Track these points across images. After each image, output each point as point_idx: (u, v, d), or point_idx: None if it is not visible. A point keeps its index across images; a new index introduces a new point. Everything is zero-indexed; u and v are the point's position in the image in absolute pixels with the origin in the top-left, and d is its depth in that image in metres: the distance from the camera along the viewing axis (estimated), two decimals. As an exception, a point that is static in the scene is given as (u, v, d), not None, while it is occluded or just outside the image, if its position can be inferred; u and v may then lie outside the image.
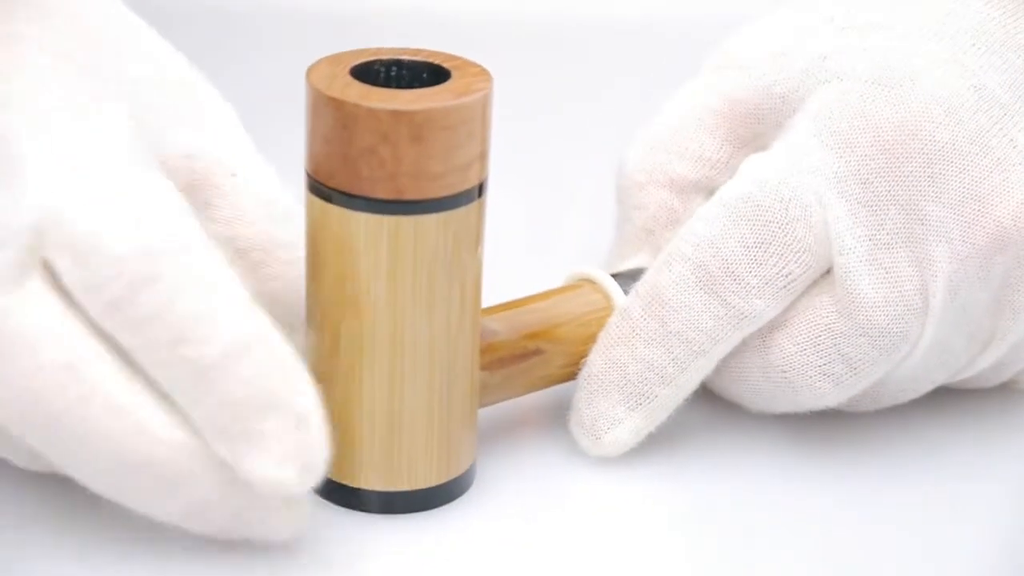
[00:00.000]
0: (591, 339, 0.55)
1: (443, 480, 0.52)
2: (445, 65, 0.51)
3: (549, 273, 0.58)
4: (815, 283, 0.54)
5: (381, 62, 0.51)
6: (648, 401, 0.54)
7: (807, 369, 0.54)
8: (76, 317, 0.48)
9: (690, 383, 0.55)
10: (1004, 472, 0.57)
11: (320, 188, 0.50)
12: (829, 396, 0.54)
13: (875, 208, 0.53)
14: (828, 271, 0.54)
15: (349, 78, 0.49)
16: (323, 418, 0.48)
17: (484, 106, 0.49)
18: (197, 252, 0.48)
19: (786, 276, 0.54)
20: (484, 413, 0.55)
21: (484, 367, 0.53)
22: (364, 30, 0.53)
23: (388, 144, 0.48)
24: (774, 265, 0.54)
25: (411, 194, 0.49)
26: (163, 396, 0.48)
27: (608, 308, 0.56)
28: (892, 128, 0.54)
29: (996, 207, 0.53)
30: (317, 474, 0.48)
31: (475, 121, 0.49)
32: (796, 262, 0.54)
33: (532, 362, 0.54)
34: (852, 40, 0.57)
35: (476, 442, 0.54)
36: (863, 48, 0.57)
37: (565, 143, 0.81)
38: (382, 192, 0.49)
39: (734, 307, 0.53)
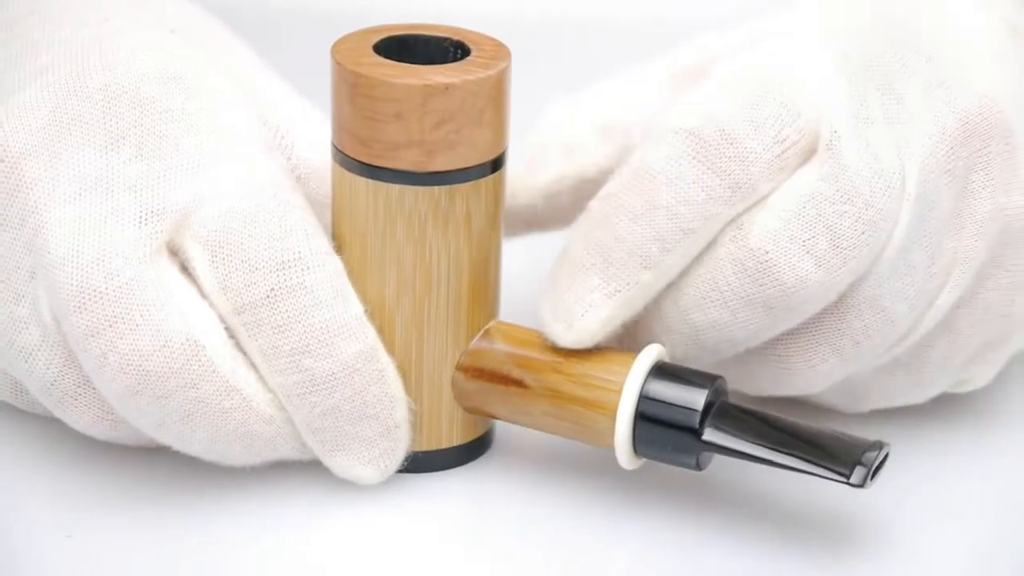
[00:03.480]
0: (585, 403, 0.52)
1: None
2: (475, 51, 0.51)
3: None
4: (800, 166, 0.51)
5: (451, 41, 0.52)
6: (628, 288, 0.51)
7: (791, 245, 0.50)
8: (200, 298, 0.50)
9: (672, 269, 0.51)
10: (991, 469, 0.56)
11: None
12: (811, 278, 0.50)
13: (857, 83, 0.52)
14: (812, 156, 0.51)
15: (371, 41, 0.52)
16: (408, 424, 0.52)
17: (425, 97, 0.49)
18: (329, 267, 0.50)
19: (782, 142, 0.51)
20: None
21: (460, 368, 0.53)
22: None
23: (338, 96, 0.51)
24: (771, 127, 0.50)
25: (348, 150, 0.51)
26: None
27: (618, 385, 0.51)
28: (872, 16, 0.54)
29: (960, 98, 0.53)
30: (391, 472, 0.53)
31: (408, 103, 0.50)
32: (792, 126, 0.51)
33: (511, 390, 0.53)
34: None
35: (433, 431, 0.54)
36: None
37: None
38: (335, 139, 0.52)
39: (729, 176, 0.50)
